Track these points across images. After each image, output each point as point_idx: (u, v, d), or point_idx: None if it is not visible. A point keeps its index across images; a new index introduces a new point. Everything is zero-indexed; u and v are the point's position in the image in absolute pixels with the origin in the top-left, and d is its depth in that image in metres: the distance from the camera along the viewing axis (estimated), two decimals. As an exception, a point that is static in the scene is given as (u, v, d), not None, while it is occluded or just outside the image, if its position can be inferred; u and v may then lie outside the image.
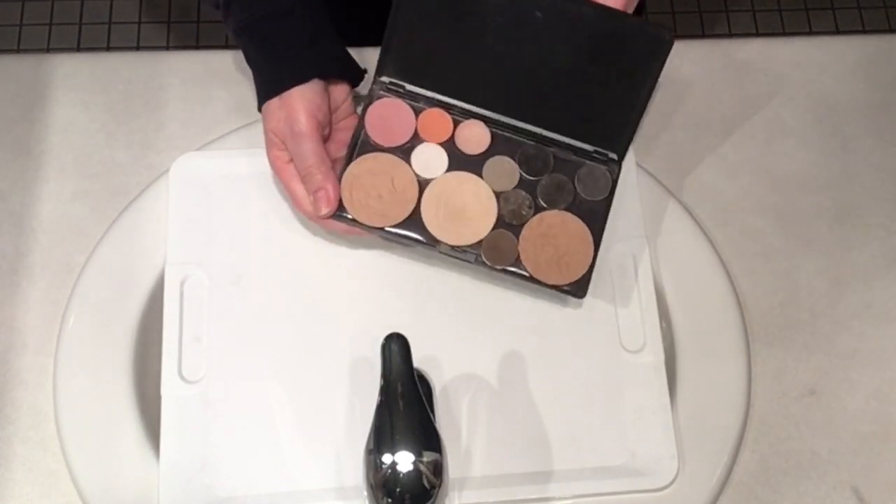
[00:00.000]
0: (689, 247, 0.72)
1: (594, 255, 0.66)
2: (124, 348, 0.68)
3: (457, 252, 0.66)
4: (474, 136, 0.69)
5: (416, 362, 0.57)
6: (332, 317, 0.69)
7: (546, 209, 0.68)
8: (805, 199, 0.76)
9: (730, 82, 0.79)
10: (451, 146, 0.68)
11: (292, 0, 0.64)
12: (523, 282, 0.66)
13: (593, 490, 0.65)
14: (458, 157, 0.68)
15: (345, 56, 0.68)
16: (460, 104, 0.69)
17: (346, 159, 0.67)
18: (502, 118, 0.69)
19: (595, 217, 0.68)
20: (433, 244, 0.66)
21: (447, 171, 0.68)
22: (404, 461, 0.53)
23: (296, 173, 0.66)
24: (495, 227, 0.67)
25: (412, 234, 0.66)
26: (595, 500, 0.65)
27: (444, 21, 0.64)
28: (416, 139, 0.68)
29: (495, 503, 0.64)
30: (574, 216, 0.67)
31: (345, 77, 0.68)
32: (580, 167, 0.69)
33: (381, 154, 0.67)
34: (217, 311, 0.69)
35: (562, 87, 0.66)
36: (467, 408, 0.67)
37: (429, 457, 0.54)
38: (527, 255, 0.66)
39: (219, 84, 0.77)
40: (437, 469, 0.54)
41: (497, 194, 0.68)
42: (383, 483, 0.53)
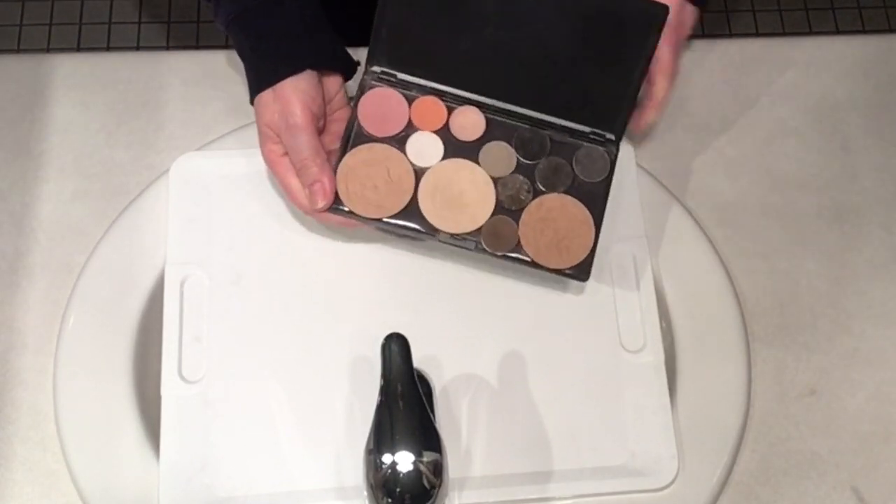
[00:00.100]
0: (689, 247, 0.72)
1: (595, 238, 0.66)
2: (124, 348, 0.68)
3: (456, 240, 0.66)
4: (469, 122, 0.68)
5: (416, 362, 0.57)
6: (332, 317, 0.69)
7: (545, 193, 0.67)
8: (805, 199, 0.76)
9: (730, 82, 0.79)
10: (445, 133, 0.68)
11: None
12: (525, 267, 0.66)
13: (593, 490, 0.65)
14: (454, 144, 0.68)
15: (338, 47, 0.68)
16: (453, 91, 0.68)
17: (341, 151, 0.66)
18: (496, 103, 0.68)
19: (595, 199, 0.67)
20: (432, 233, 0.66)
21: (443, 158, 0.67)
22: (404, 461, 0.53)
23: (290, 167, 0.65)
24: (494, 213, 0.66)
25: (410, 224, 0.66)
26: (595, 500, 0.65)
27: (433, 7, 0.64)
28: (410, 128, 0.68)
29: (495, 503, 0.64)
30: (573, 199, 0.67)
31: (338, 68, 0.68)
32: (578, 149, 0.68)
33: (376, 144, 0.67)
34: (217, 311, 0.69)
35: (556, 68, 0.65)
36: (467, 408, 0.67)
37: (429, 457, 0.54)
38: (527, 240, 0.66)
39: (219, 84, 0.77)
40: (437, 469, 0.54)
41: (495, 180, 0.67)
42: (383, 483, 0.53)
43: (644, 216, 0.72)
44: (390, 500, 0.53)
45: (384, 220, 0.66)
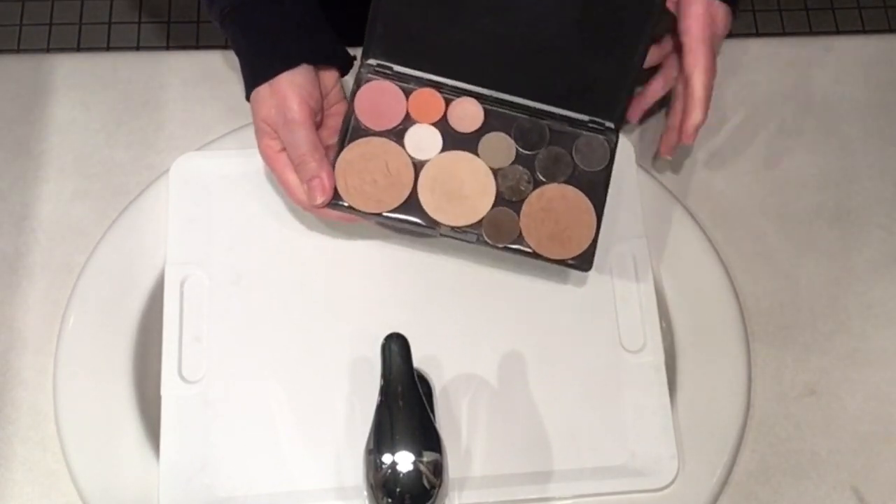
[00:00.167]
0: (689, 247, 0.72)
1: (597, 227, 0.66)
2: (124, 348, 0.68)
3: (457, 233, 0.65)
4: (467, 113, 0.68)
5: (416, 362, 0.57)
6: (331, 316, 0.69)
7: (545, 183, 0.67)
8: (805, 199, 0.76)
9: (730, 82, 0.79)
10: (444, 125, 0.67)
11: None
12: (526, 259, 0.65)
13: (593, 490, 0.65)
14: (453, 136, 0.67)
15: (334, 41, 0.67)
16: (451, 82, 0.67)
17: (338, 146, 0.66)
18: (494, 93, 0.67)
19: (595, 188, 0.67)
20: (433, 226, 0.65)
21: (442, 151, 0.67)
22: (404, 461, 0.53)
23: (288, 162, 0.64)
24: (495, 205, 0.66)
25: (410, 218, 0.65)
26: (595, 500, 0.65)
27: None
28: (407, 121, 0.67)
29: (495, 503, 0.64)
30: (574, 188, 0.67)
31: (334, 63, 0.67)
32: (577, 138, 0.68)
33: (374, 138, 0.67)
34: (217, 311, 0.69)
35: (553, 57, 0.65)
36: (467, 408, 0.67)
37: (429, 457, 0.54)
38: (528, 232, 0.65)
39: (219, 84, 0.77)
40: (437, 469, 0.54)
41: (494, 171, 0.67)
42: (383, 483, 0.53)
43: (644, 216, 0.72)
44: (390, 500, 0.53)
45: (384, 214, 0.65)
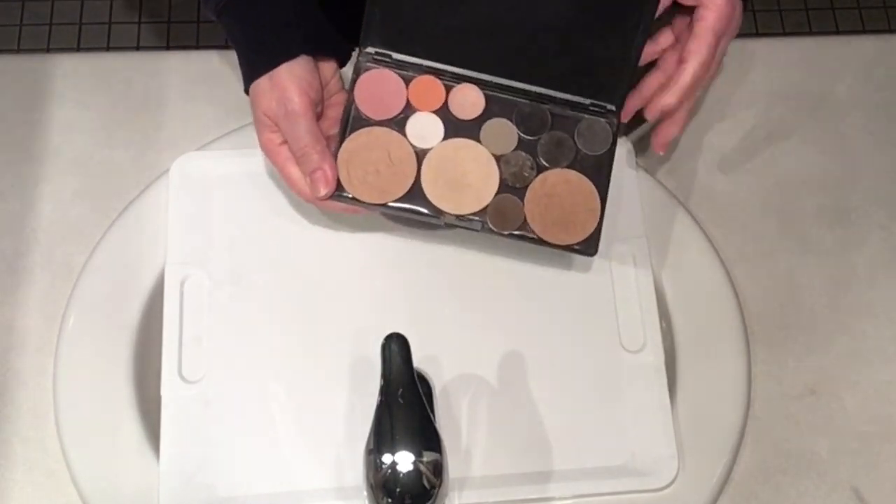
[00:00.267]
0: (689, 247, 0.72)
1: (602, 211, 0.65)
2: (124, 348, 0.68)
3: (462, 221, 0.65)
4: (468, 100, 0.67)
5: (416, 362, 0.57)
6: (332, 317, 0.69)
7: (548, 168, 0.67)
8: (805, 199, 0.76)
9: (730, 82, 0.79)
10: (445, 113, 0.67)
11: None
12: (529, 251, 0.65)
13: (593, 490, 0.65)
14: (454, 123, 0.67)
15: (332, 32, 0.67)
16: (450, 69, 0.67)
17: (340, 136, 0.65)
18: (495, 79, 0.67)
19: (599, 171, 0.67)
20: (437, 216, 0.65)
21: (444, 139, 0.67)
22: (404, 461, 0.53)
23: (290, 155, 0.64)
24: (499, 192, 0.66)
25: (415, 208, 0.65)
26: (595, 500, 0.65)
27: None
28: (408, 109, 0.67)
29: (495, 503, 0.64)
30: (577, 173, 0.66)
31: (333, 53, 0.67)
32: (579, 122, 0.68)
33: (375, 128, 0.66)
34: (217, 311, 0.69)
35: (553, 40, 0.65)
36: (467, 408, 0.67)
37: (429, 457, 0.54)
38: (533, 218, 0.65)
39: (219, 84, 0.77)
40: (437, 469, 0.54)
41: (497, 158, 0.66)
42: (383, 483, 0.53)
43: (644, 216, 0.72)
44: (390, 500, 0.53)
45: (388, 204, 0.65)
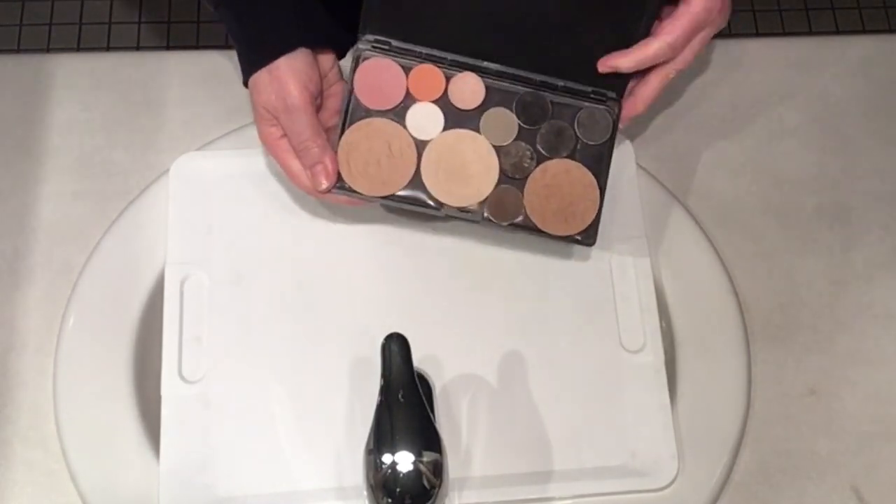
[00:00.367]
0: (689, 247, 0.72)
1: (601, 201, 0.65)
2: (124, 348, 0.68)
3: (462, 213, 0.65)
4: (468, 89, 0.67)
5: (416, 362, 0.57)
6: (331, 316, 0.69)
7: (548, 158, 0.67)
8: (805, 199, 0.76)
9: (730, 82, 0.79)
10: (445, 103, 0.67)
11: None
12: (530, 245, 0.65)
13: (593, 490, 0.65)
14: (454, 113, 0.67)
15: (331, 24, 0.66)
16: (450, 56, 0.66)
17: (340, 128, 0.65)
18: (495, 66, 0.67)
19: (598, 161, 0.66)
20: (437, 207, 0.65)
21: (444, 129, 0.66)
22: (404, 461, 0.53)
23: (290, 149, 0.64)
24: (498, 184, 0.66)
25: (415, 200, 0.65)
26: (595, 500, 0.65)
27: None
28: (408, 99, 0.66)
29: (495, 503, 0.64)
30: (577, 163, 0.66)
31: (332, 46, 0.66)
32: (579, 110, 0.67)
33: (375, 119, 0.66)
34: (217, 311, 0.69)
35: (554, 27, 0.64)
36: (467, 408, 0.67)
37: (429, 457, 0.54)
38: (533, 209, 0.65)
39: (219, 84, 0.77)
40: (437, 469, 0.54)
41: (497, 149, 0.66)
42: (383, 483, 0.53)
43: (644, 216, 0.72)
44: (390, 500, 0.53)
45: (388, 196, 0.65)
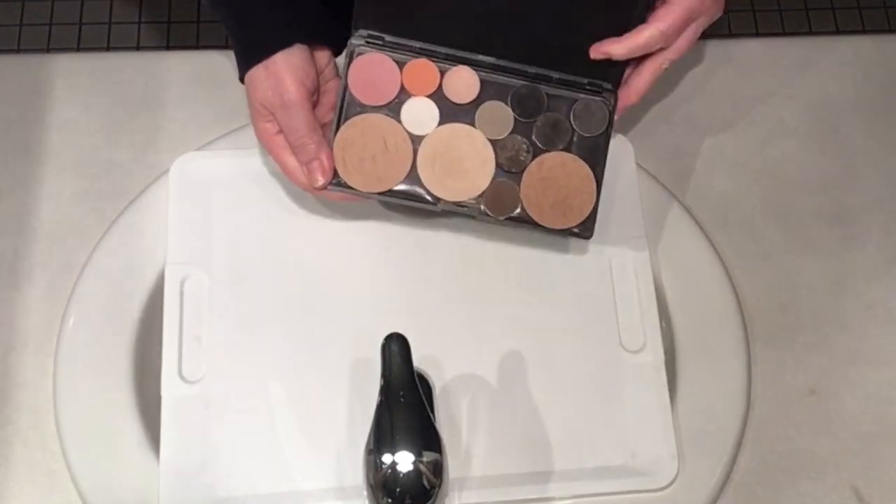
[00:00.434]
0: (689, 247, 0.72)
1: (598, 193, 0.65)
2: (124, 348, 0.68)
3: (458, 207, 0.65)
4: (463, 83, 0.67)
5: (416, 362, 0.57)
6: (332, 317, 0.69)
7: (544, 151, 0.66)
8: (805, 199, 0.76)
9: (730, 82, 0.79)
10: (440, 97, 0.66)
11: None
12: (529, 231, 0.65)
13: (593, 490, 0.65)
14: (449, 107, 0.66)
15: (328, 20, 0.66)
16: (445, 50, 0.66)
17: (335, 124, 0.65)
18: (489, 59, 0.66)
19: (595, 153, 0.66)
20: (434, 202, 0.65)
21: (439, 124, 0.66)
22: (404, 461, 0.53)
23: (286, 145, 0.64)
24: (495, 178, 0.65)
25: (411, 195, 0.65)
26: (595, 500, 0.65)
27: None
28: (403, 94, 0.66)
29: (495, 503, 0.64)
30: (573, 156, 0.66)
31: (329, 42, 0.66)
32: (575, 102, 0.67)
33: (370, 114, 0.66)
34: (217, 311, 0.69)
35: (548, 18, 0.64)
36: (467, 408, 0.67)
37: (429, 457, 0.54)
38: (530, 202, 0.65)
39: (219, 84, 0.76)
40: (437, 469, 0.54)
41: (493, 142, 0.66)
42: (383, 483, 0.53)
43: (644, 216, 0.72)
44: (390, 500, 0.53)
45: (385, 192, 0.65)
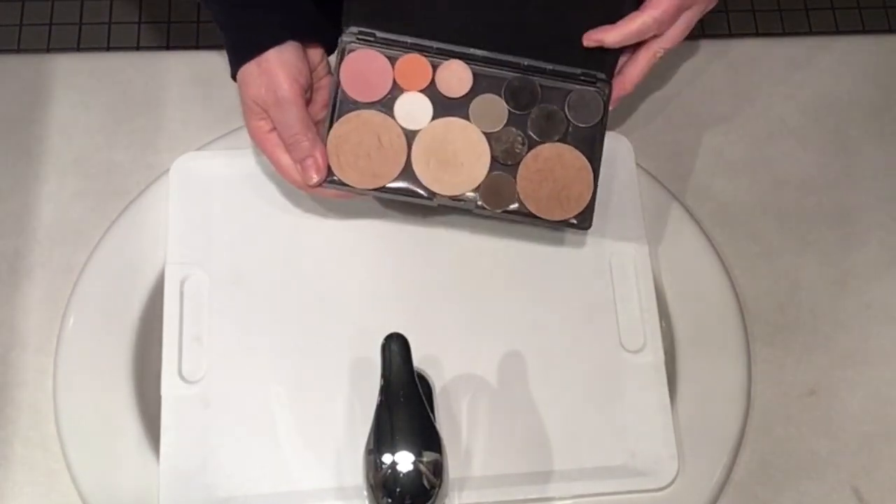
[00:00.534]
0: (689, 246, 0.72)
1: (595, 184, 0.65)
2: (124, 348, 0.68)
3: (455, 202, 0.65)
4: (455, 76, 0.66)
5: (416, 362, 0.57)
6: (332, 316, 0.69)
7: (539, 143, 0.66)
8: (805, 199, 0.76)
9: (730, 82, 0.79)
10: (433, 91, 0.66)
11: None
12: (526, 223, 0.65)
13: (593, 490, 0.65)
14: (442, 101, 0.66)
15: (320, 18, 0.66)
16: (436, 44, 0.66)
17: (328, 122, 0.65)
18: (481, 52, 0.66)
19: (590, 143, 0.66)
20: (430, 197, 0.65)
21: (433, 118, 0.66)
22: (404, 461, 0.53)
23: (279, 143, 0.63)
24: (490, 171, 0.65)
25: (407, 191, 0.65)
26: (595, 500, 0.65)
27: None
28: (395, 89, 0.66)
29: (495, 503, 0.64)
30: (569, 146, 0.66)
31: (321, 40, 0.66)
32: (569, 93, 0.67)
33: (363, 111, 0.65)
34: (217, 311, 0.69)
35: (539, 9, 0.64)
36: (467, 408, 0.67)
37: (429, 457, 0.54)
38: (526, 194, 0.65)
39: (219, 84, 0.77)
40: (437, 469, 0.54)
41: (487, 135, 0.66)
42: (383, 483, 0.53)
43: (644, 216, 0.72)
44: (390, 500, 0.53)
45: (380, 188, 0.64)
